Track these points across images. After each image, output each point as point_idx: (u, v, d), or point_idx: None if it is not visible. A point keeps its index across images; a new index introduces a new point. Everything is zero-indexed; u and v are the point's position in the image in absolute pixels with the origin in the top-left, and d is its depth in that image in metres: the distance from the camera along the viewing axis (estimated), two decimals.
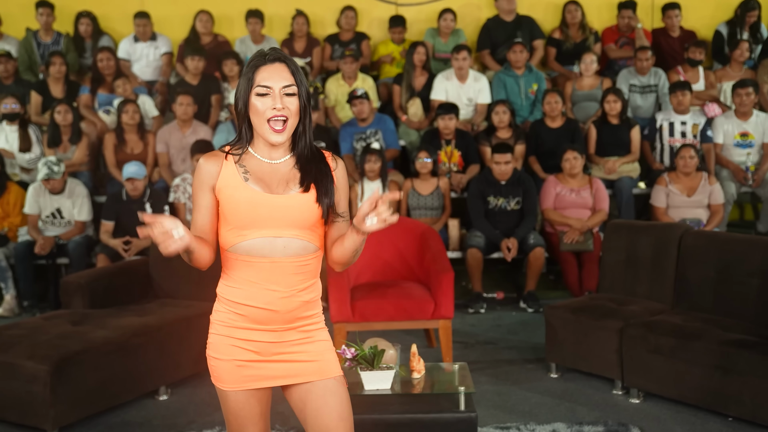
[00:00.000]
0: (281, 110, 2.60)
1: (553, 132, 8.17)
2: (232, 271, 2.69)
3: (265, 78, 2.61)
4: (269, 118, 2.60)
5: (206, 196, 2.68)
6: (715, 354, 4.59)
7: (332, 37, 9.65)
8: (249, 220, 2.62)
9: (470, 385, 4.17)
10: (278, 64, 2.62)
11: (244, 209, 2.61)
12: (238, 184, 2.63)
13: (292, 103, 2.62)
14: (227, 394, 2.72)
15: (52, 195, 7.46)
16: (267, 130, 2.61)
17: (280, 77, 2.61)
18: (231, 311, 2.69)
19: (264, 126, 2.61)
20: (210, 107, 8.77)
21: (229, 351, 2.69)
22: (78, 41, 9.48)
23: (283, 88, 2.60)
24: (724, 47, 9.42)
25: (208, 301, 5.92)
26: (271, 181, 2.65)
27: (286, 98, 2.61)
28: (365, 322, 5.60)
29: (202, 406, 5.04)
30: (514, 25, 9.37)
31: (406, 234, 6.18)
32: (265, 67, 2.62)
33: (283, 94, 2.60)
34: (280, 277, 2.64)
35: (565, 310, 5.47)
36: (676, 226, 5.71)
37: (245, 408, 2.72)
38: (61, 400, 4.51)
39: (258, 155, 2.68)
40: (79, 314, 5.30)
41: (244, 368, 2.69)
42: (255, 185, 2.63)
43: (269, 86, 2.60)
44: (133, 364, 4.96)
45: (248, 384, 2.70)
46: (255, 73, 2.62)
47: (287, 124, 2.62)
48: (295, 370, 2.71)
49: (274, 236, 2.62)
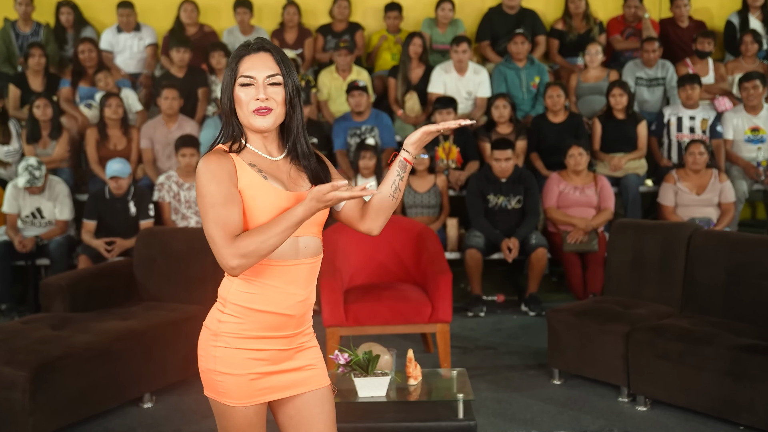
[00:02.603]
0: (265, 101, 2.58)
1: (556, 127, 8.17)
2: (250, 276, 2.61)
3: (248, 68, 2.60)
4: (253, 110, 2.59)
5: (234, 190, 2.54)
6: (726, 359, 4.60)
7: (325, 28, 9.64)
8: None
9: (469, 392, 4.17)
10: (262, 54, 2.62)
11: (270, 208, 2.57)
12: (258, 183, 2.58)
13: (277, 93, 2.60)
14: (235, 411, 2.64)
15: (32, 194, 7.44)
16: (252, 117, 2.60)
17: (264, 66, 2.60)
18: (243, 320, 2.62)
19: (249, 116, 2.60)
20: (196, 101, 8.76)
21: (243, 365, 2.62)
22: (59, 32, 9.46)
23: (267, 77, 2.59)
24: (735, 38, 9.42)
25: (194, 303, 5.91)
26: (282, 177, 2.64)
27: (270, 88, 2.60)
28: (359, 326, 5.60)
29: (188, 414, 5.03)
30: (516, 18, 9.37)
31: (402, 234, 6.18)
32: (249, 57, 2.61)
33: (267, 84, 2.59)
34: (300, 279, 2.64)
35: (569, 313, 5.48)
36: (685, 225, 5.71)
37: (253, 422, 2.67)
38: (41, 408, 4.49)
39: (258, 152, 2.66)
40: (59, 318, 5.29)
41: (257, 381, 2.64)
42: (275, 182, 2.61)
43: (252, 76, 2.59)
44: (116, 370, 4.95)
45: (260, 398, 2.66)
46: (238, 64, 2.61)
47: (272, 112, 2.60)
48: (298, 379, 2.71)
49: (297, 235, 2.60)
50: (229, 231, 2.50)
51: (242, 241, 2.48)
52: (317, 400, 2.72)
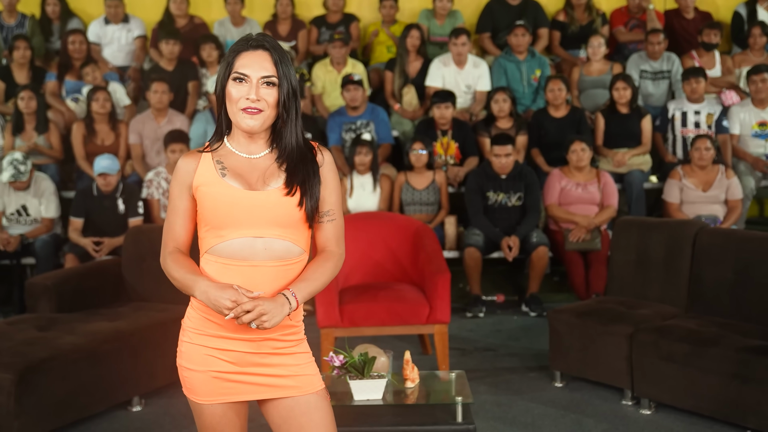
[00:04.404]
0: (255, 102, 2.58)
1: (557, 122, 8.18)
2: (209, 274, 2.66)
3: (244, 65, 2.60)
4: (242, 109, 2.59)
5: (184, 198, 2.69)
6: (733, 361, 4.60)
7: (319, 19, 9.64)
8: (227, 219, 2.61)
9: (468, 395, 4.17)
10: (261, 52, 2.61)
11: (221, 206, 2.60)
12: (214, 180, 2.62)
13: (269, 94, 2.60)
14: (202, 408, 2.70)
15: (17, 191, 7.43)
16: (240, 116, 2.60)
17: (261, 66, 2.59)
18: (205, 318, 2.67)
19: (237, 113, 2.61)
20: (186, 95, 8.75)
21: (203, 361, 2.67)
22: (44, 24, 9.46)
23: (261, 78, 2.59)
24: (743, 29, 9.42)
25: (184, 304, 5.91)
26: (250, 176, 2.64)
27: (263, 89, 2.59)
28: (355, 327, 5.60)
29: (178, 417, 5.03)
30: (518, 9, 9.37)
31: (398, 232, 6.18)
32: (247, 54, 2.61)
33: (260, 84, 2.59)
34: (261, 282, 2.62)
35: (571, 314, 5.48)
36: (691, 223, 5.72)
37: (222, 422, 2.70)
38: (27, 412, 4.49)
39: (236, 150, 2.67)
40: (45, 319, 5.28)
41: (219, 380, 2.67)
42: (233, 181, 2.62)
43: (246, 74, 2.59)
44: (104, 372, 4.95)
45: (225, 397, 2.69)
46: (235, 58, 2.62)
47: (261, 114, 2.60)
48: (274, 383, 2.70)
49: (254, 236, 2.61)
50: (170, 237, 2.75)
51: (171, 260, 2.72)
52: (305, 407, 2.70)
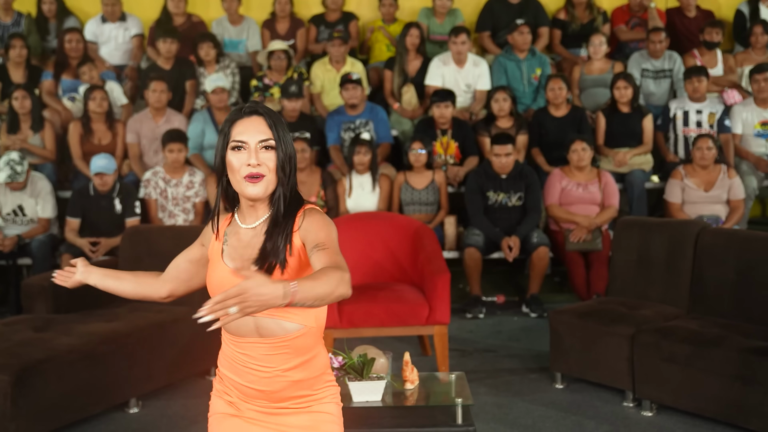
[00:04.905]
0: (256, 166, 2.57)
1: (558, 121, 8.17)
2: (224, 343, 2.70)
3: (240, 132, 2.59)
4: (245, 176, 2.58)
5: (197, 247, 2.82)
6: (735, 363, 4.60)
7: (318, 18, 9.63)
8: None
9: (468, 396, 4.17)
10: (255, 117, 2.61)
11: (215, 288, 2.63)
12: (216, 259, 2.67)
13: (269, 158, 2.58)
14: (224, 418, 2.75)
15: (13, 191, 7.43)
16: (243, 184, 2.59)
17: (257, 131, 2.59)
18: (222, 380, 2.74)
19: (241, 182, 2.59)
20: (184, 94, 8.74)
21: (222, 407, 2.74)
22: (41, 22, 9.45)
23: (259, 142, 2.58)
24: (745, 28, 9.41)
25: (181, 305, 5.90)
26: (243, 255, 2.63)
27: (263, 153, 2.58)
28: (354, 328, 5.61)
29: (175, 419, 5.03)
30: (518, 8, 9.36)
31: (398, 232, 6.18)
32: (241, 121, 2.61)
33: (259, 149, 2.58)
34: (260, 357, 2.62)
35: (572, 315, 5.48)
36: (693, 223, 5.72)
37: None
38: (23, 413, 4.49)
39: (240, 222, 2.67)
40: (42, 320, 5.28)
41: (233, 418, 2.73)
42: (228, 261, 2.64)
43: (244, 141, 2.58)
44: (101, 373, 4.95)
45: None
46: (231, 128, 2.62)
47: (264, 179, 2.58)
48: None
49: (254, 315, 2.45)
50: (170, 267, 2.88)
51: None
52: None
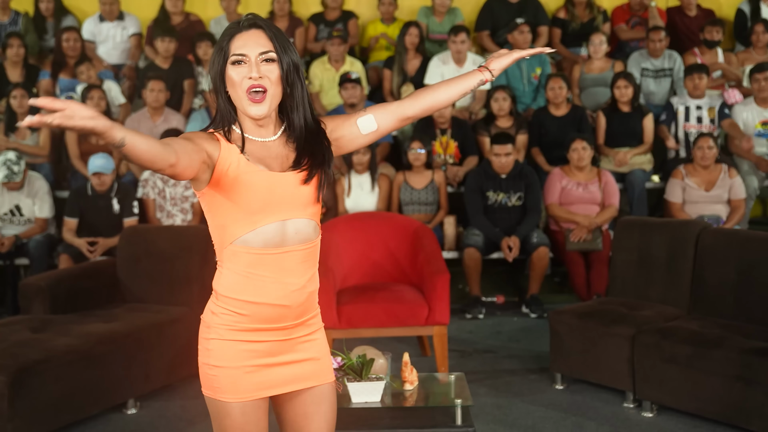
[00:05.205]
0: (258, 79, 2.55)
1: (558, 120, 8.17)
2: (237, 267, 2.60)
3: (240, 46, 2.57)
4: (247, 89, 2.56)
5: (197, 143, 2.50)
6: (736, 363, 4.60)
7: (317, 17, 9.63)
8: (262, 204, 2.55)
9: (468, 397, 4.17)
10: (254, 30, 2.59)
11: (257, 192, 2.55)
12: (243, 166, 2.56)
13: (271, 71, 2.56)
14: (231, 407, 2.62)
15: (10, 191, 7.42)
16: (246, 103, 2.57)
17: (257, 44, 2.57)
18: (238, 312, 2.60)
19: (243, 99, 2.57)
20: (182, 93, 8.74)
21: (236, 357, 2.61)
22: (38, 21, 9.45)
23: (259, 54, 2.56)
24: (746, 27, 9.41)
25: (180, 305, 5.89)
26: (269, 160, 2.61)
27: (264, 66, 2.56)
28: (353, 329, 5.60)
29: (174, 420, 5.02)
30: (518, 7, 9.36)
31: (397, 232, 6.17)
32: (241, 35, 2.58)
33: (260, 62, 2.56)
34: (292, 267, 2.60)
35: (572, 315, 5.48)
36: (693, 223, 5.72)
37: (252, 421, 2.64)
38: (20, 414, 4.49)
39: (246, 134, 2.62)
40: (39, 320, 5.27)
41: (253, 375, 2.62)
42: (259, 165, 2.58)
43: (244, 54, 2.56)
44: (98, 374, 4.95)
45: (257, 393, 2.63)
46: (230, 42, 2.59)
47: (267, 95, 2.57)
48: (300, 373, 2.68)
49: (284, 219, 2.58)
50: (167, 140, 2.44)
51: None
52: (316, 398, 2.70)
